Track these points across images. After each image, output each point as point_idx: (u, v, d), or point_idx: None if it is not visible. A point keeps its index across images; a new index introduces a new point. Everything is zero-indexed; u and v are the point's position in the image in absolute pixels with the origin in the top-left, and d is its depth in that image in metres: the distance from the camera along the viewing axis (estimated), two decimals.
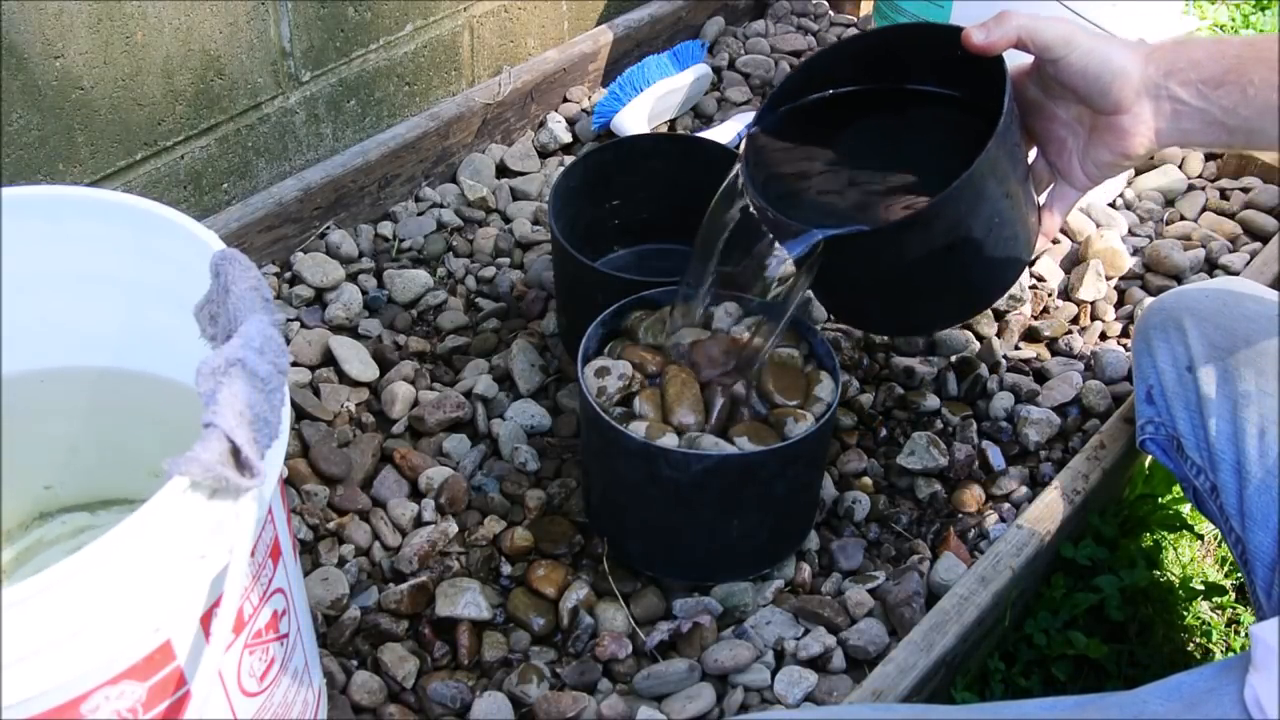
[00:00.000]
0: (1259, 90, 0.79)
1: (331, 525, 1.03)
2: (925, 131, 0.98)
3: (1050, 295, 1.29)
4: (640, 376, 0.97)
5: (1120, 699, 0.73)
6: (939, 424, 1.15)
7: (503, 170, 1.43)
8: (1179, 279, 1.30)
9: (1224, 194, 1.42)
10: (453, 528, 1.03)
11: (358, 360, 1.17)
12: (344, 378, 1.16)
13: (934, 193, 0.84)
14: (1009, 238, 0.91)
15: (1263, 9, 1.92)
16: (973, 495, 1.09)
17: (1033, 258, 0.96)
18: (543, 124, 1.47)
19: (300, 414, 1.11)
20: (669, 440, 0.91)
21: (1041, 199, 0.95)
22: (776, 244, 0.89)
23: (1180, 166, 1.46)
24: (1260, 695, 0.67)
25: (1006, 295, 1.25)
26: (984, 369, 1.18)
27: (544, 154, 1.46)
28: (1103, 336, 1.26)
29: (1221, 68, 0.80)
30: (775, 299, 0.93)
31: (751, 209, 0.91)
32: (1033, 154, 0.94)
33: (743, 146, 0.95)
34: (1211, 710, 0.69)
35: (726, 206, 0.93)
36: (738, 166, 0.92)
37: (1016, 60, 0.88)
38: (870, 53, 0.96)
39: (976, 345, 1.22)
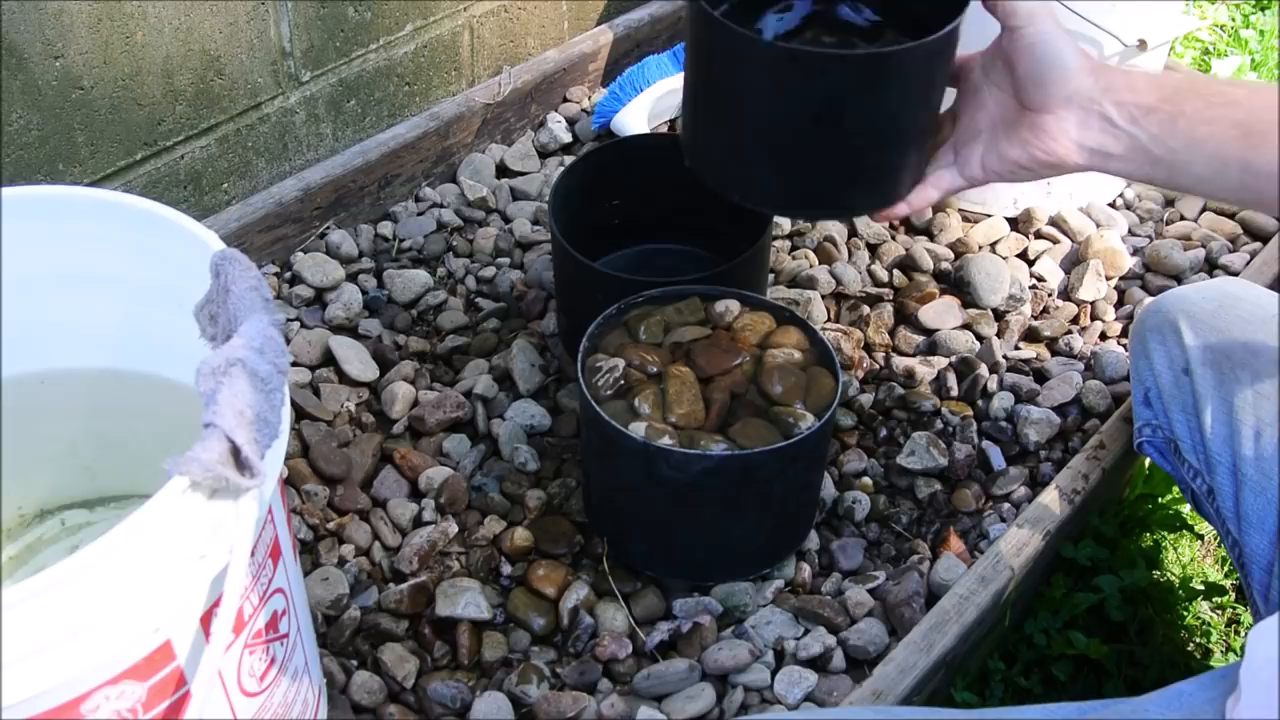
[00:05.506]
0: (1189, 122, 0.76)
1: (331, 525, 1.03)
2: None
3: (1050, 295, 1.29)
4: (638, 374, 0.97)
5: (1120, 705, 0.73)
6: (939, 424, 1.15)
7: (503, 170, 1.43)
8: (1179, 279, 1.30)
9: None
10: (453, 528, 1.03)
11: (358, 360, 1.17)
12: (344, 378, 1.16)
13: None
14: (895, 154, 0.85)
15: (1263, 9, 1.92)
16: (973, 495, 1.09)
17: (895, 213, 0.89)
18: (543, 124, 1.47)
19: (300, 414, 1.11)
20: (669, 440, 0.91)
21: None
22: None
23: None
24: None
25: (1006, 296, 1.25)
26: (984, 369, 1.18)
27: (544, 154, 1.46)
28: (1103, 336, 1.26)
29: (1157, 96, 0.77)
30: None
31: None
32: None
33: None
34: (1211, 716, 0.69)
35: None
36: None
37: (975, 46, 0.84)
38: None
39: (976, 345, 1.22)
